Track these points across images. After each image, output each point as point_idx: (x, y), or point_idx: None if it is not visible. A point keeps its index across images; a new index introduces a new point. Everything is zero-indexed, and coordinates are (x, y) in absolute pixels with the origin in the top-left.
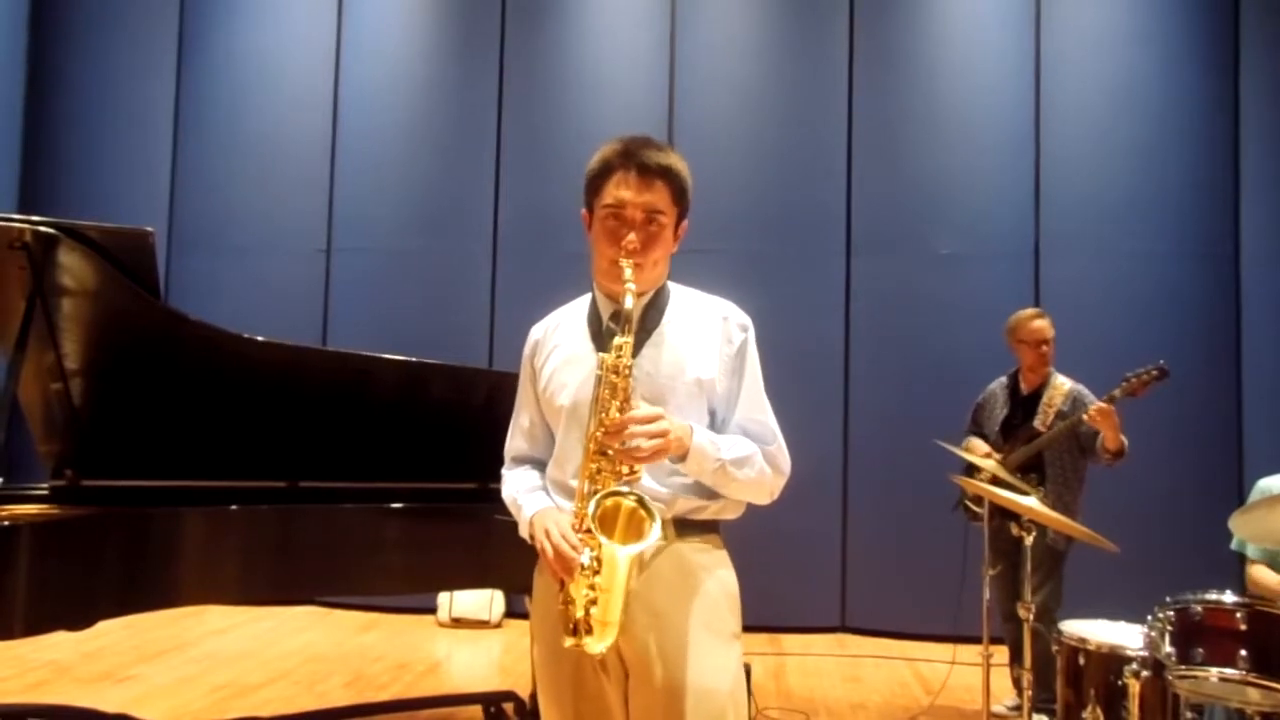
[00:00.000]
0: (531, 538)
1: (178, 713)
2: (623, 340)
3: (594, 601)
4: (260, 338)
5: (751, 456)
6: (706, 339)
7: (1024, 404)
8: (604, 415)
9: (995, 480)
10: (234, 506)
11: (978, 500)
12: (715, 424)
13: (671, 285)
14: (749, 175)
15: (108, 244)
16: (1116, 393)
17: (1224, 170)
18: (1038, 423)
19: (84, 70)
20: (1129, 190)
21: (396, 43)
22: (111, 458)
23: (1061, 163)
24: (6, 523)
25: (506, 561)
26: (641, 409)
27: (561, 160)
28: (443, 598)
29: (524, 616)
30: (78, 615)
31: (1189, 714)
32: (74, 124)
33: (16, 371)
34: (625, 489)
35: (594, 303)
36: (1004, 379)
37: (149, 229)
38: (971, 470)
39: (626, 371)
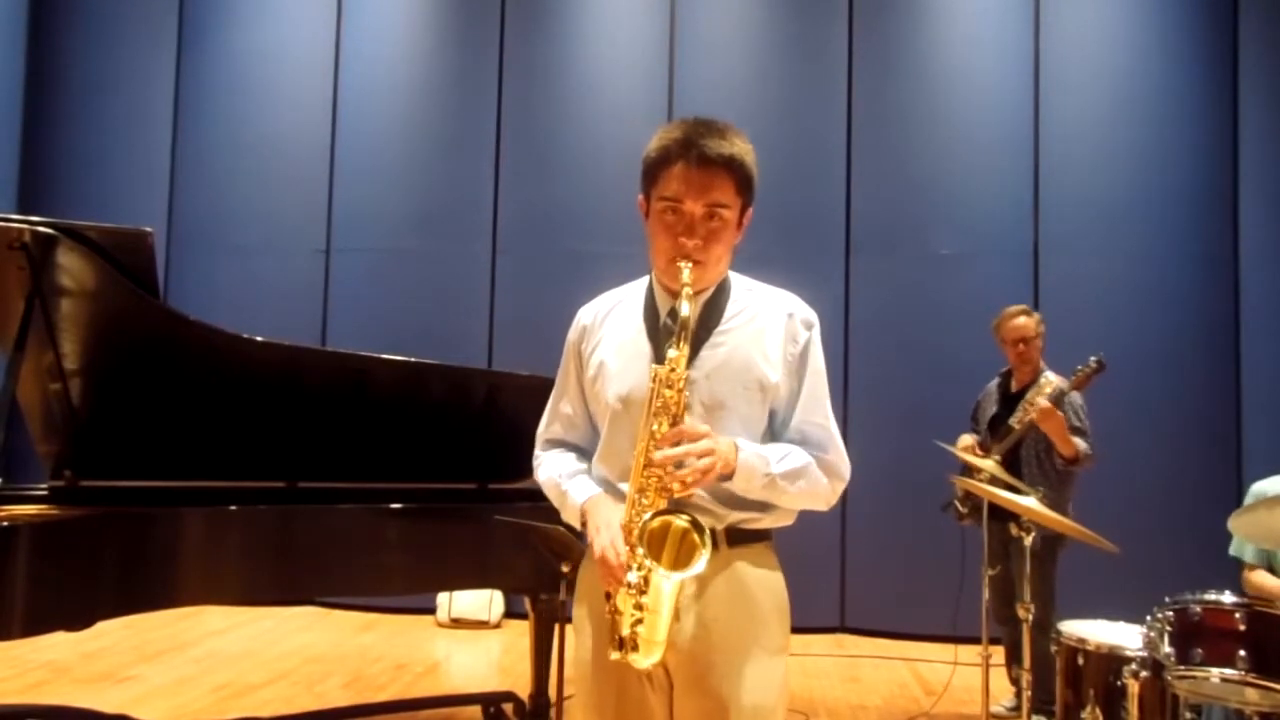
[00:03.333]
0: (583, 525)
1: (177, 713)
2: (677, 354)
3: (640, 621)
4: (259, 338)
5: (805, 468)
6: (770, 339)
7: (1011, 401)
8: (656, 429)
9: (994, 480)
10: (233, 507)
11: (965, 500)
12: (775, 425)
13: (733, 278)
14: None
15: (107, 244)
16: (1066, 387)
17: (1223, 171)
18: (1014, 419)
19: (84, 70)
20: (1128, 190)
21: (396, 43)
22: (111, 458)
23: (1061, 163)
24: (5, 523)
25: (506, 562)
26: (687, 425)
27: (561, 160)
28: (442, 598)
29: (523, 617)
30: (77, 615)
31: (1188, 714)
32: (74, 123)
33: (16, 372)
34: (676, 509)
35: (651, 293)
36: (998, 377)
37: (148, 229)
38: (969, 470)
39: (680, 385)
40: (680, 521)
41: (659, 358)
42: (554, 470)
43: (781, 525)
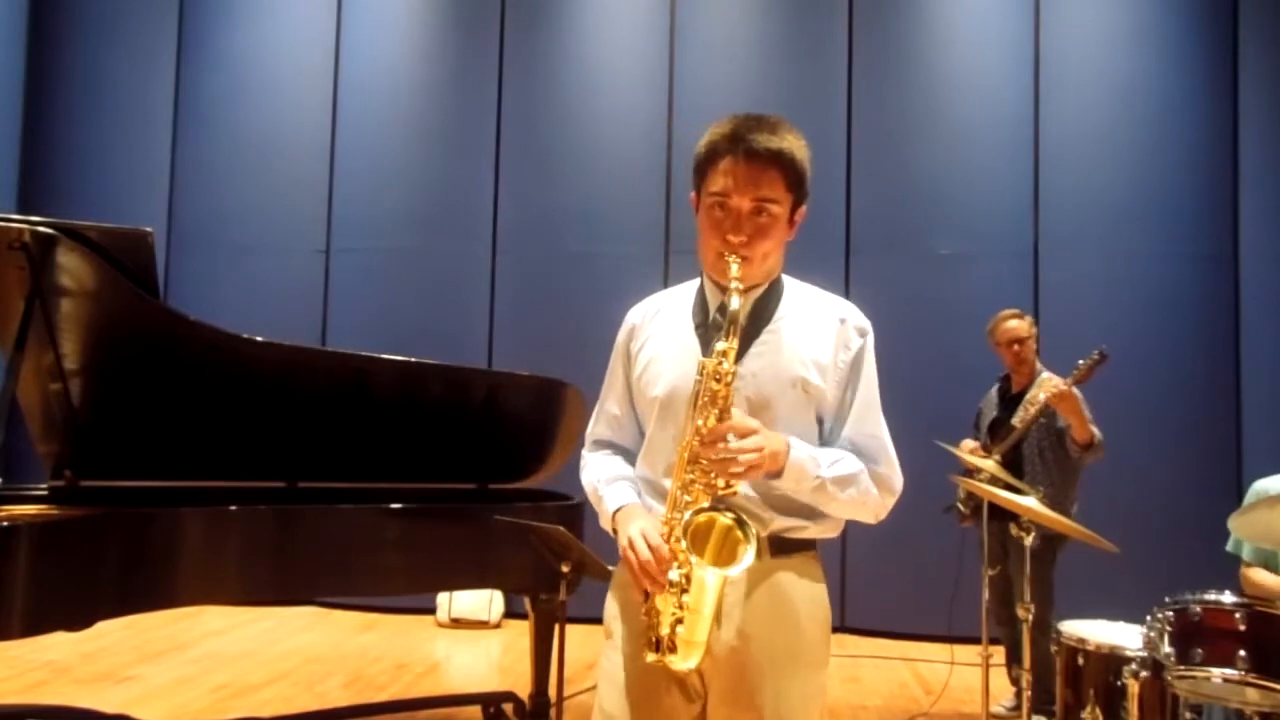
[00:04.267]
0: (614, 532)
1: (177, 713)
2: (726, 346)
3: (680, 621)
4: (259, 338)
5: (856, 475)
6: (820, 342)
7: (1011, 403)
8: (701, 424)
9: (994, 480)
10: (233, 507)
11: (967, 501)
12: (823, 433)
13: (786, 280)
14: None
15: (107, 244)
16: (1069, 380)
17: (1223, 170)
18: (1016, 419)
19: (84, 70)
20: (1128, 190)
21: (396, 43)
22: (110, 458)
23: (1061, 163)
24: (5, 523)
25: (506, 562)
26: (737, 419)
27: (561, 160)
28: (442, 598)
29: (523, 617)
30: (77, 616)
31: (1188, 714)
32: (73, 124)
33: (15, 372)
34: (722, 506)
35: (701, 291)
36: (998, 382)
37: (148, 229)
38: (970, 471)
39: (728, 379)
40: (725, 519)
41: (706, 353)
42: (595, 475)
43: (827, 536)
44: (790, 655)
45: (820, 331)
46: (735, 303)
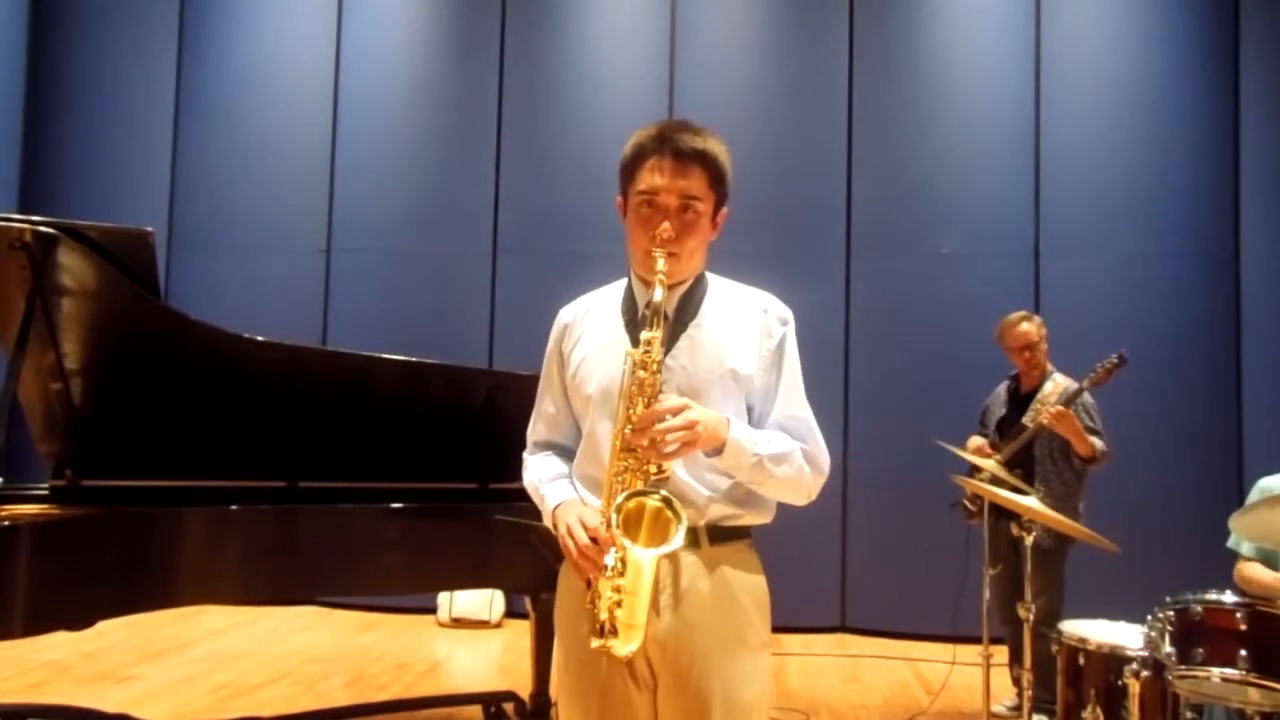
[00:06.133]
0: (554, 528)
1: (178, 713)
2: (651, 335)
3: (619, 604)
4: (260, 338)
5: (790, 454)
6: (745, 332)
7: (1021, 403)
8: (631, 412)
9: (995, 480)
10: (234, 506)
11: (974, 500)
12: (752, 420)
13: (710, 276)
14: (749, 175)
15: (108, 244)
16: (1086, 384)
17: (1224, 170)
18: (1027, 419)
19: (84, 70)
20: (1129, 190)
21: (396, 43)
22: (111, 457)
23: (1061, 163)
24: (6, 523)
25: (506, 561)
26: (669, 400)
27: (561, 160)
28: (443, 598)
29: (523, 616)
30: (78, 615)
31: (1189, 714)
32: (74, 124)
33: (16, 371)
34: (651, 489)
35: (630, 289)
36: (1007, 380)
37: (149, 229)
38: (973, 470)
39: (655, 367)
40: (653, 501)
41: (635, 345)
42: (535, 475)
43: (761, 523)
44: (735, 639)
45: (744, 322)
46: (659, 294)
